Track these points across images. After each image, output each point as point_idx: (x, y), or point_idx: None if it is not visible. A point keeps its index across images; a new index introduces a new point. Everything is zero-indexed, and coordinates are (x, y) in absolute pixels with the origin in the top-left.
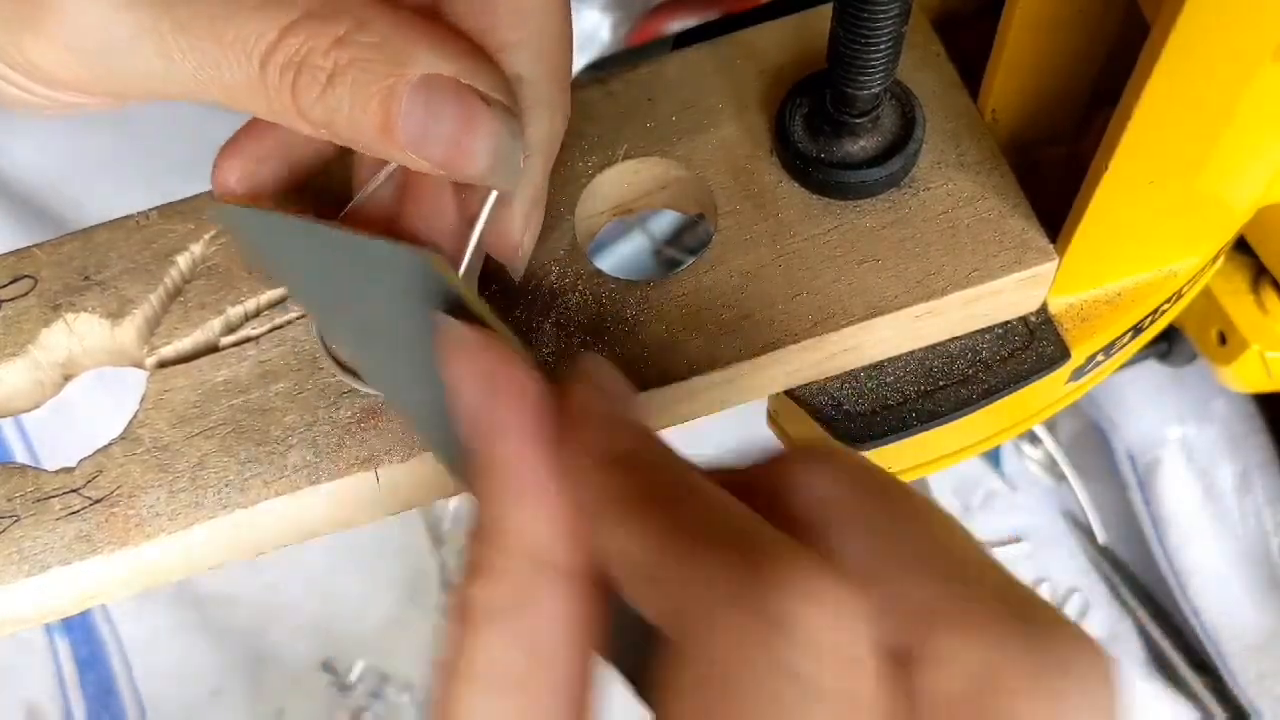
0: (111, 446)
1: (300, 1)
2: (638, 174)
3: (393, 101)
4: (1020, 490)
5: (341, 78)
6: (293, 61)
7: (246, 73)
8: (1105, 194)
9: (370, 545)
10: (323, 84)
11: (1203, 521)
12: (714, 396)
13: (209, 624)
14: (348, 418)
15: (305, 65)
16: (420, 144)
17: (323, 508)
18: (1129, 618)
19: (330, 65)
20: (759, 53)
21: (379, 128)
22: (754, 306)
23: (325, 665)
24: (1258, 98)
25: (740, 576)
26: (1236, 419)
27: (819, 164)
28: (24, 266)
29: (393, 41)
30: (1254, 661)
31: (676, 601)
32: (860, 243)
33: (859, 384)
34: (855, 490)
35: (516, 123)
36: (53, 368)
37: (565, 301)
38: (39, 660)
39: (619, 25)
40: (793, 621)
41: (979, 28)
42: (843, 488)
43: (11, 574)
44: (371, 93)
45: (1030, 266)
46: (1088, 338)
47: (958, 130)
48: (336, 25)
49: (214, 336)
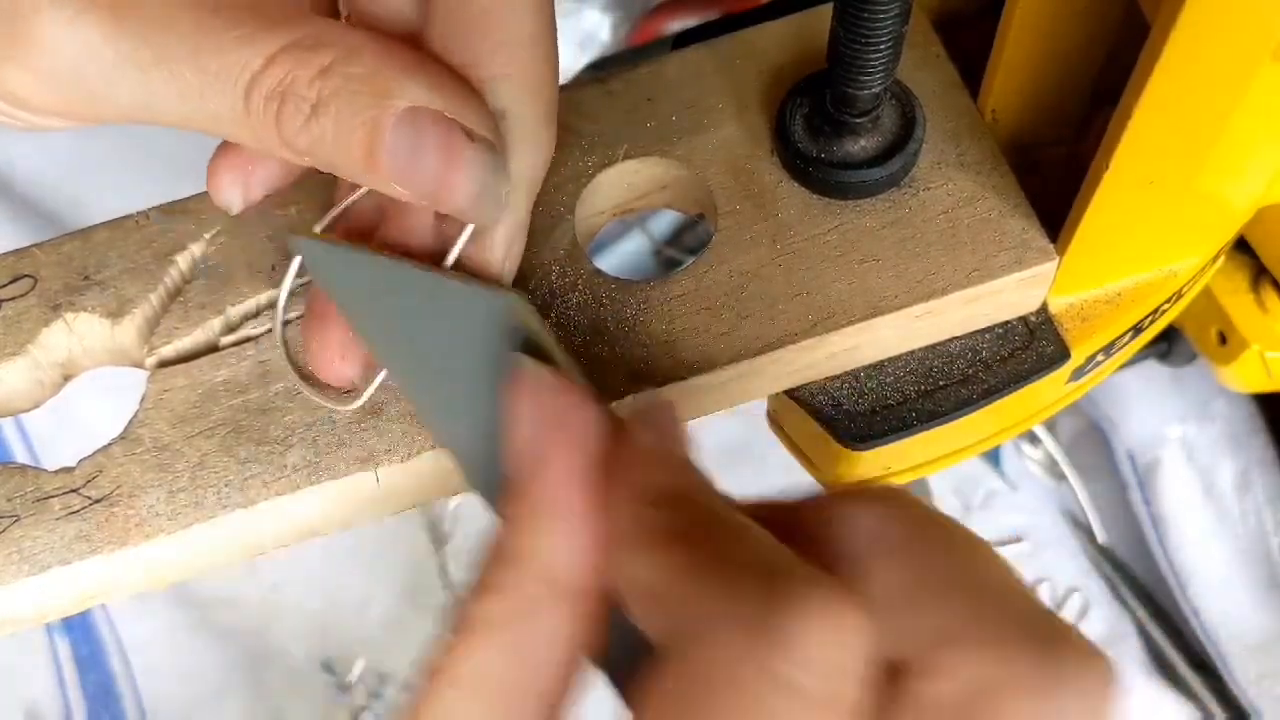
0: (111, 446)
1: (285, 31)
2: (638, 174)
3: (377, 133)
4: (1020, 490)
5: (326, 108)
6: (277, 91)
7: (230, 102)
8: (1105, 194)
9: (370, 545)
10: (307, 114)
11: (1203, 521)
12: (714, 396)
13: (209, 624)
14: (348, 418)
15: (289, 95)
16: (404, 176)
17: (323, 508)
18: (1129, 618)
19: (315, 95)
20: (759, 53)
21: (363, 159)
22: (754, 306)
23: (325, 665)
24: (1258, 98)
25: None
26: (1236, 419)
27: (819, 164)
28: (24, 266)
29: (378, 73)
30: (1254, 661)
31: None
32: (860, 243)
33: (859, 384)
34: (902, 526)
35: (500, 158)
36: (52, 368)
37: (565, 301)
38: (39, 660)
39: (619, 25)
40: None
41: (979, 28)
42: (890, 524)
43: (11, 574)
44: (356, 124)
45: (1030, 266)
46: (1088, 338)
47: (958, 130)
48: (322, 55)
49: (214, 336)
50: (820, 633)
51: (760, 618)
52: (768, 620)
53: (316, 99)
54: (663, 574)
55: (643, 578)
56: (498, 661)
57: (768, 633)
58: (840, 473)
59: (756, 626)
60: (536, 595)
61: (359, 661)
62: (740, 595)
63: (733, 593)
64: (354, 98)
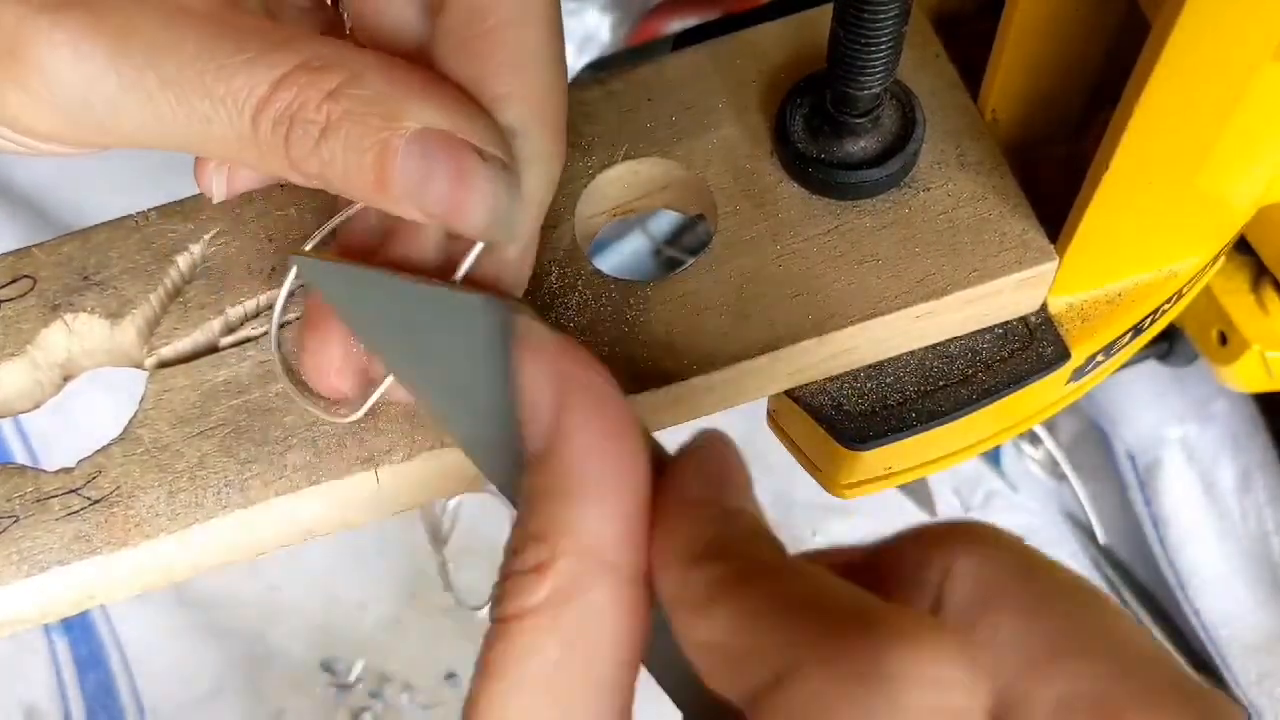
0: (111, 447)
1: (291, 53)
2: (638, 174)
3: (387, 156)
4: (1020, 490)
5: (335, 131)
6: (285, 115)
7: (237, 127)
8: (1105, 194)
9: (370, 545)
10: (316, 138)
11: (1203, 521)
12: (714, 396)
13: (209, 624)
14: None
15: (298, 119)
16: (415, 198)
17: (323, 508)
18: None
19: (323, 119)
20: (759, 53)
21: (373, 182)
22: (754, 306)
23: (325, 665)
24: (1258, 98)
25: (839, 638)
26: (1237, 419)
27: (819, 164)
28: (23, 266)
29: (387, 94)
30: (1254, 662)
31: (759, 673)
32: (860, 243)
33: (859, 384)
34: (1013, 574)
35: (512, 177)
36: (52, 368)
37: (565, 301)
38: (38, 660)
39: (619, 25)
40: (892, 675)
41: (979, 28)
42: (998, 570)
43: (11, 574)
44: (365, 147)
45: (1030, 266)
46: (1088, 338)
47: (958, 130)
48: (330, 78)
49: (214, 336)
50: (931, 670)
51: (859, 658)
52: (867, 660)
53: (325, 122)
54: (733, 627)
55: (711, 637)
56: (551, 651)
57: (870, 675)
58: (840, 473)
59: (855, 668)
60: (583, 571)
61: (359, 661)
62: (831, 637)
63: (822, 635)
64: (363, 120)
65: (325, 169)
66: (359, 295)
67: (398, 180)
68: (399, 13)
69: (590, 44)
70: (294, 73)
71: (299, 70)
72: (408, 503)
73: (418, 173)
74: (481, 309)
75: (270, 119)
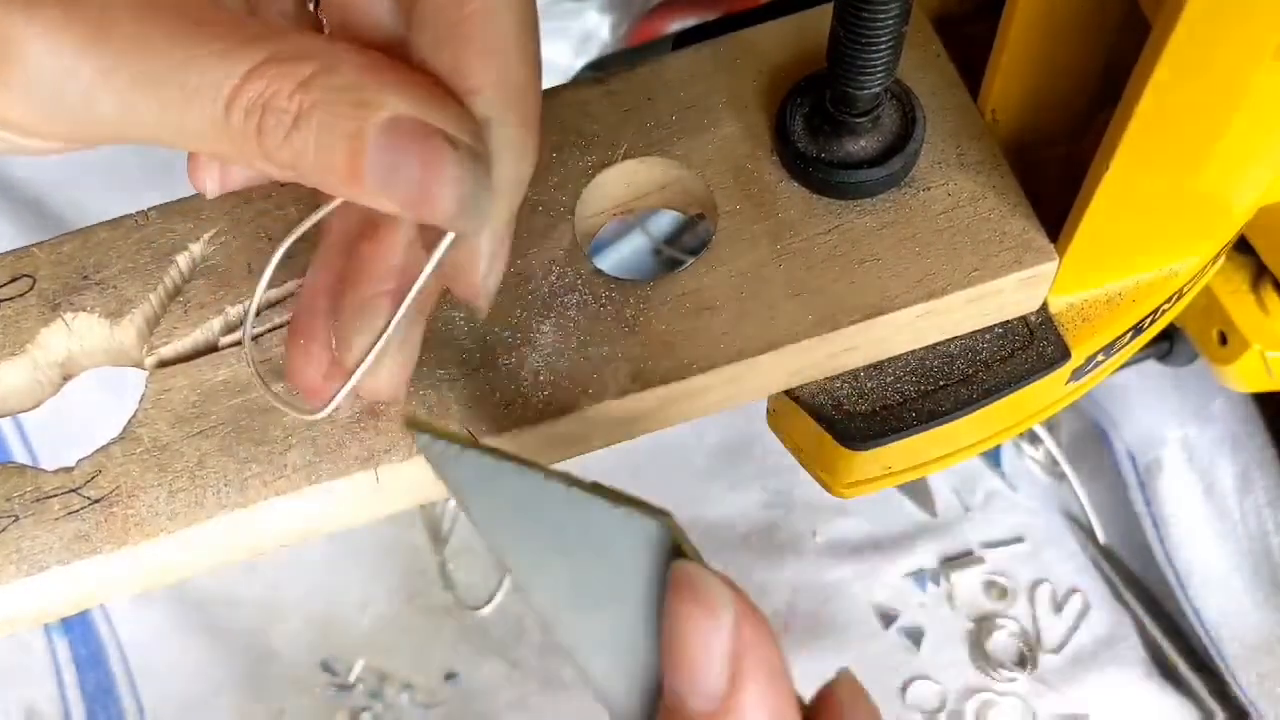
0: (111, 446)
1: (265, 44)
2: (638, 174)
3: (358, 145)
4: (1020, 490)
5: (306, 121)
6: (257, 105)
7: (211, 117)
8: (1105, 194)
9: (370, 545)
10: (288, 127)
11: (1203, 521)
12: (714, 396)
13: (209, 624)
14: (348, 417)
15: (270, 108)
16: (386, 187)
17: (322, 507)
18: (1129, 618)
19: (295, 108)
20: (759, 53)
21: (345, 171)
22: (754, 306)
23: (325, 665)
24: (1258, 97)
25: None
26: (1237, 419)
27: (819, 164)
28: (23, 266)
29: (359, 84)
30: (1254, 662)
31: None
32: (860, 242)
33: (859, 384)
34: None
35: (484, 166)
36: (52, 367)
37: (565, 301)
38: (38, 660)
39: (619, 25)
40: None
41: (979, 28)
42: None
43: (11, 574)
44: (337, 136)
45: (1030, 266)
46: (1088, 338)
47: (958, 130)
48: (302, 68)
49: (214, 336)
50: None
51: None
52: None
53: (297, 111)
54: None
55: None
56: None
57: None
58: (840, 472)
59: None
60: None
61: (359, 661)
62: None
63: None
64: (335, 109)
65: (298, 159)
66: (487, 484)
67: (368, 169)
68: (374, 10)
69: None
70: (266, 63)
71: (271, 61)
72: (407, 502)
73: (389, 161)
74: (641, 531)
75: (242, 108)
